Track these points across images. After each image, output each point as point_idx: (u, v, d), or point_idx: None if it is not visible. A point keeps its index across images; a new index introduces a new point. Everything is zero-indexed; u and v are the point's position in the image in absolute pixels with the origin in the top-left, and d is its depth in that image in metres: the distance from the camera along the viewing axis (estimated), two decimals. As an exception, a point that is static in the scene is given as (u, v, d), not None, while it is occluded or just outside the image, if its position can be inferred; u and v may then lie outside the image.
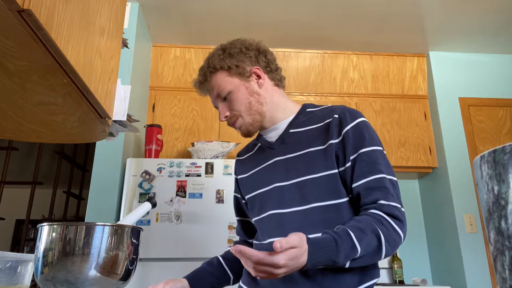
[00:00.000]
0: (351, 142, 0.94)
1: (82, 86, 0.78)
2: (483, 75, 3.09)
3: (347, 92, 3.06)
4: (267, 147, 1.10)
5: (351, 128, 0.96)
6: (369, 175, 0.91)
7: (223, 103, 1.07)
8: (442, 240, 2.82)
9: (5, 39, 0.61)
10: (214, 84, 1.08)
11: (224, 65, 1.07)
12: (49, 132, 1.00)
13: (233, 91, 1.05)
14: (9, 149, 3.97)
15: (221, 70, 1.07)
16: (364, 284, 0.91)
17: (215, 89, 1.08)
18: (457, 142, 2.87)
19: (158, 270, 2.05)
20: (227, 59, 1.07)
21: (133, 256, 0.80)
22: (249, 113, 1.05)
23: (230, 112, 1.06)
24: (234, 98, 1.05)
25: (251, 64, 1.08)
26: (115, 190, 2.24)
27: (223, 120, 1.08)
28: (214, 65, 1.08)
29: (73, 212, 4.93)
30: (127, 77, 2.34)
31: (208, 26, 2.83)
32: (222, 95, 1.06)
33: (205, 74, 1.09)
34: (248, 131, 1.07)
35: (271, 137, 1.10)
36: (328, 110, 1.04)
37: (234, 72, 1.06)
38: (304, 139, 1.02)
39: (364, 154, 0.93)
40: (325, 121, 1.01)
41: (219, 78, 1.07)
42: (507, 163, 0.39)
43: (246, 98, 1.06)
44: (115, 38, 1.00)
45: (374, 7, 2.62)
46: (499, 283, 0.42)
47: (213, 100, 1.10)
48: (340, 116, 0.99)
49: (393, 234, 0.86)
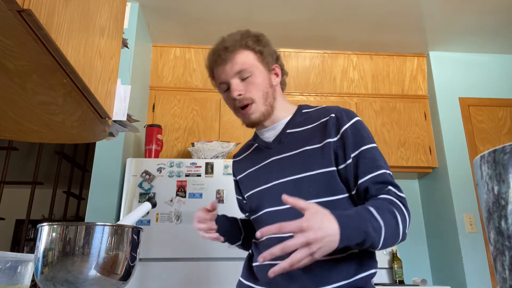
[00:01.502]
0: (351, 140, 0.97)
1: (82, 86, 0.78)
2: (483, 75, 3.09)
3: (347, 92, 3.06)
4: (264, 147, 1.11)
5: (349, 127, 0.98)
6: (374, 171, 0.94)
7: (238, 82, 1.04)
8: (442, 240, 2.82)
9: (5, 39, 0.61)
10: (239, 59, 1.04)
11: (256, 48, 1.06)
12: (49, 132, 1.00)
13: (256, 75, 1.04)
14: (9, 149, 3.97)
15: (252, 50, 1.06)
16: (361, 274, 0.92)
17: (238, 65, 1.04)
18: (457, 142, 2.87)
19: (158, 270, 2.05)
20: (260, 44, 1.07)
21: (133, 256, 0.80)
22: (264, 103, 1.05)
23: (246, 93, 1.04)
24: (255, 82, 1.04)
25: (273, 61, 1.10)
26: (115, 190, 2.24)
27: (236, 97, 1.03)
28: (246, 42, 1.06)
29: (73, 212, 4.93)
30: (127, 77, 2.34)
31: (208, 26, 2.83)
32: (244, 74, 1.04)
33: (235, 45, 1.05)
34: (257, 120, 1.05)
35: (268, 137, 1.11)
36: (323, 110, 1.07)
37: (262, 59, 1.07)
38: (301, 138, 1.04)
39: (366, 151, 0.96)
40: (321, 121, 1.03)
41: (247, 56, 1.05)
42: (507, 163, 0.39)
43: (265, 87, 1.06)
44: (115, 38, 1.00)
45: (374, 7, 2.62)
46: (499, 283, 0.42)
47: (227, 75, 1.05)
48: (337, 115, 1.01)
49: (404, 216, 0.88)
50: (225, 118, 2.86)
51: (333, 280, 0.90)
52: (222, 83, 1.07)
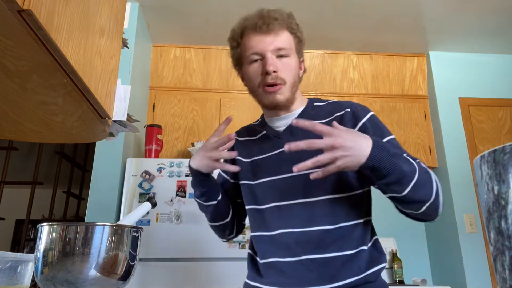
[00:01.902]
0: (371, 133, 0.95)
1: (82, 86, 0.78)
2: (483, 75, 3.09)
3: (347, 92, 3.06)
4: (274, 136, 1.07)
5: (367, 120, 0.98)
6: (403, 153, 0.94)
7: (275, 58, 0.99)
8: (442, 240, 2.82)
9: (5, 39, 0.61)
10: (283, 37, 1.00)
11: (297, 33, 1.04)
12: (49, 132, 1.00)
13: (291, 58, 1.01)
14: (9, 149, 3.97)
15: (293, 34, 1.03)
16: (372, 269, 0.92)
17: (280, 42, 0.99)
18: (457, 142, 2.87)
19: (158, 270, 2.05)
20: (300, 32, 1.05)
21: (133, 256, 0.80)
22: (291, 88, 1.01)
23: (280, 72, 0.98)
24: (289, 64, 1.00)
25: (302, 54, 1.08)
26: (115, 190, 2.24)
27: (271, 72, 0.97)
28: (292, 24, 1.02)
29: (73, 212, 4.93)
30: (127, 77, 2.34)
31: (208, 26, 2.83)
32: (283, 52, 0.99)
33: (284, 22, 1.00)
34: (281, 102, 1.00)
35: (278, 126, 1.07)
36: (336, 104, 1.06)
37: (299, 48, 1.05)
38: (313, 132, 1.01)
39: (388, 143, 0.95)
40: (335, 115, 1.02)
41: (288, 37, 1.01)
42: (507, 163, 0.39)
43: (296, 73, 1.03)
44: (115, 38, 1.00)
45: (374, 7, 2.62)
46: (499, 283, 0.42)
47: (266, 46, 0.98)
48: (352, 110, 1.00)
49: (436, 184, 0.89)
50: (225, 118, 2.86)
51: (345, 276, 0.89)
52: (255, 54, 0.99)
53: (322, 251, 0.91)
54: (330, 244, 0.92)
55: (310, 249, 0.92)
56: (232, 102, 2.92)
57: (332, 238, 0.92)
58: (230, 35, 1.06)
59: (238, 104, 2.91)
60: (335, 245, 0.92)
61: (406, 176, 0.81)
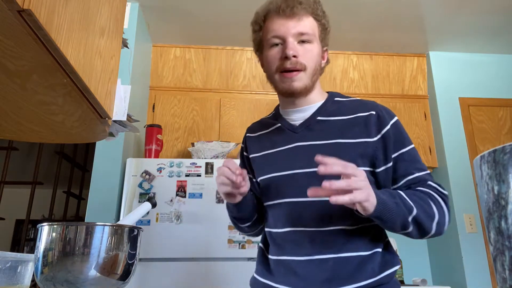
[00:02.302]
0: (393, 142, 0.94)
1: (82, 86, 0.78)
2: (483, 75, 3.09)
3: (347, 92, 3.06)
4: (289, 130, 1.02)
5: (391, 127, 0.95)
6: (414, 172, 0.93)
7: (296, 43, 0.95)
8: (442, 240, 2.82)
9: (5, 39, 0.61)
10: (307, 22, 0.96)
11: (323, 21, 1.01)
12: (49, 132, 1.00)
13: (314, 45, 0.98)
14: (9, 149, 3.97)
15: (318, 21, 0.99)
16: (386, 271, 0.90)
17: (303, 27, 0.95)
18: (457, 142, 2.87)
19: (158, 270, 2.05)
20: (325, 20, 1.02)
21: (133, 256, 0.80)
22: (311, 77, 0.97)
23: (301, 58, 0.95)
24: (312, 50, 0.97)
25: (326, 43, 1.05)
26: (115, 190, 2.24)
27: (291, 57, 0.93)
28: (317, 10, 0.99)
29: (73, 212, 4.93)
30: (127, 77, 2.34)
31: (208, 26, 2.83)
32: (306, 37, 0.95)
33: (309, 6, 0.97)
34: (298, 89, 0.96)
35: (294, 119, 1.02)
36: (360, 103, 1.01)
37: (323, 36, 1.01)
38: (334, 129, 0.97)
39: (406, 154, 0.94)
40: (358, 114, 0.97)
41: (312, 23, 0.98)
42: (507, 163, 0.39)
43: (318, 60, 0.99)
44: (115, 38, 1.00)
45: (374, 7, 2.62)
46: (499, 283, 0.42)
47: (288, 30, 0.95)
48: (378, 114, 0.96)
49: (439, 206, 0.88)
50: (225, 118, 2.86)
51: (360, 278, 0.87)
52: (276, 37, 0.96)
53: (336, 251, 0.89)
54: (345, 244, 0.90)
55: (325, 248, 0.90)
56: (232, 102, 2.92)
57: (348, 238, 0.90)
58: (253, 18, 1.03)
59: (238, 104, 2.91)
60: (351, 245, 0.90)
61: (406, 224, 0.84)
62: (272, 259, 0.98)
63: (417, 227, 0.86)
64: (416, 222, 0.85)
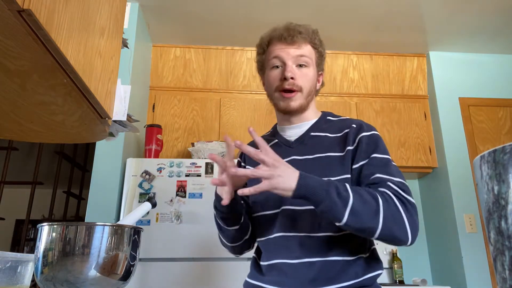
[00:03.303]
0: (364, 147, 0.99)
1: (82, 86, 0.78)
2: (483, 75, 3.09)
3: (347, 92, 3.06)
4: (285, 145, 1.11)
5: (366, 135, 1.01)
6: (379, 174, 0.94)
7: (295, 66, 1.07)
8: (442, 240, 2.82)
9: (5, 39, 0.61)
10: (305, 49, 1.08)
11: (319, 48, 1.11)
12: (49, 132, 1.00)
13: (310, 69, 1.08)
14: (9, 149, 3.97)
15: (315, 48, 1.10)
16: (368, 274, 0.95)
17: (302, 51, 1.07)
18: (457, 142, 2.87)
19: (158, 270, 2.05)
20: (322, 48, 1.12)
21: (133, 256, 0.80)
22: (306, 97, 1.08)
23: (298, 80, 1.06)
24: (308, 74, 1.07)
25: (322, 68, 1.15)
26: (115, 190, 2.24)
27: (289, 78, 1.04)
28: (315, 39, 1.10)
29: (73, 212, 4.93)
30: (127, 77, 2.34)
31: (208, 26, 2.83)
32: (302, 61, 1.07)
33: (308, 36, 1.08)
34: (294, 108, 1.07)
35: (290, 135, 1.12)
36: (347, 122, 1.09)
37: (318, 60, 1.11)
38: (324, 143, 1.05)
39: (374, 159, 0.97)
40: (343, 132, 1.06)
41: (310, 50, 1.09)
42: (507, 163, 0.39)
43: (313, 83, 1.10)
44: (115, 38, 1.00)
45: (374, 7, 2.62)
46: (499, 283, 0.42)
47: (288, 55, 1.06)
48: (358, 127, 1.05)
49: (391, 206, 0.87)
50: (225, 118, 2.86)
51: (343, 279, 0.92)
52: (277, 59, 1.08)
53: (323, 255, 0.95)
54: (332, 249, 0.95)
55: (313, 252, 0.95)
56: (232, 102, 2.92)
57: (334, 244, 0.96)
58: (258, 42, 1.15)
59: (238, 104, 2.91)
60: (337, 250, 0.95)
61: (337, 204, 0.84)
62: (264, 264, 1.03)
63: (355, 218, 0.84)
64: (352, 212, 0.84)
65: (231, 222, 1.06)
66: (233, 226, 1.06)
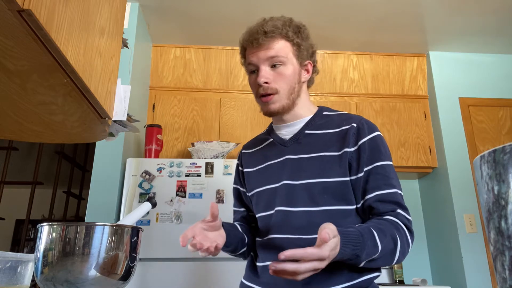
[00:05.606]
0: (367, 154, 0.97)
1: (82, 86, 0.78)
2: (483, 75, 3.09)
3: (347, 92, 3.06)
4: (279, 144, 1.09)
5: (368, 140, 0.99)
6: (385, 188, 0.95)
7: (268, 69, 1.02)
8: (442, 240, 2.82)
9: (5, 39, 0.61)
10: (275, 47, 1.02)
11: (295, 40, 1.04)
12: (49, 132, 1.00)
13: (287, 67, 1.03)
14: (9, 149, 3.97)
15: (290, 42, 1.04)
16: (365, 276, 0.94)
17: (272, 52, 1.01)
18: (457, 142, 2.87)
19: (158, 270, 2.05)
20: (300, 37, 1.05)
21: (133, 256, 0.80)
22: (287, 97, 1.03)
23: (272, 83, 1.02)
24: (284, 73, 1.02)
25: (308, 56, 1.08)
26: (115, 190, 2.24)
27: (262, 84, 1.01)
28: (287, 31, 1.03)
29: (73, 212, 4.93)
30: (127, 77, 2.34)
31: (208, 26, 2.83)
32: (275, 61, 1.02)
33: (274, 32, 1.02)
34: (275, 111, 1.03)
35: (284, 134, 1.10)
36: (346, 117, 1.06)
37: (298, 52, 1.05)
38: (320, 142, 1.03)
39: (380, 168, 0.97)
40: (342, 128, 1.02)
41: (283, 46, 1.03)
42: (507, 163, 0.39)
43: (293, 81, 1.04)
44: (115, 38, 1.00)
45: (374, 7, 2.62)
46: (499, 283, 0.42)
47: (259, 59, 1.02)
48: (358, 126, 1.01)
49: (405, 243, 0.91)
50: (225, 118, 2.86)
51: (338, 281, 0.91)
52: (251, 65, 1.05)
53: None
54: None
55: None
56: (232, 102, 2.92)
57: None
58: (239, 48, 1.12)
59: (238, 104, 2.91)
60: None
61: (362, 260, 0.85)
62: (260, 265, 1.03)
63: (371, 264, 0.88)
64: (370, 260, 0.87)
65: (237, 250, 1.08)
66: (241, 250, 1.09)
